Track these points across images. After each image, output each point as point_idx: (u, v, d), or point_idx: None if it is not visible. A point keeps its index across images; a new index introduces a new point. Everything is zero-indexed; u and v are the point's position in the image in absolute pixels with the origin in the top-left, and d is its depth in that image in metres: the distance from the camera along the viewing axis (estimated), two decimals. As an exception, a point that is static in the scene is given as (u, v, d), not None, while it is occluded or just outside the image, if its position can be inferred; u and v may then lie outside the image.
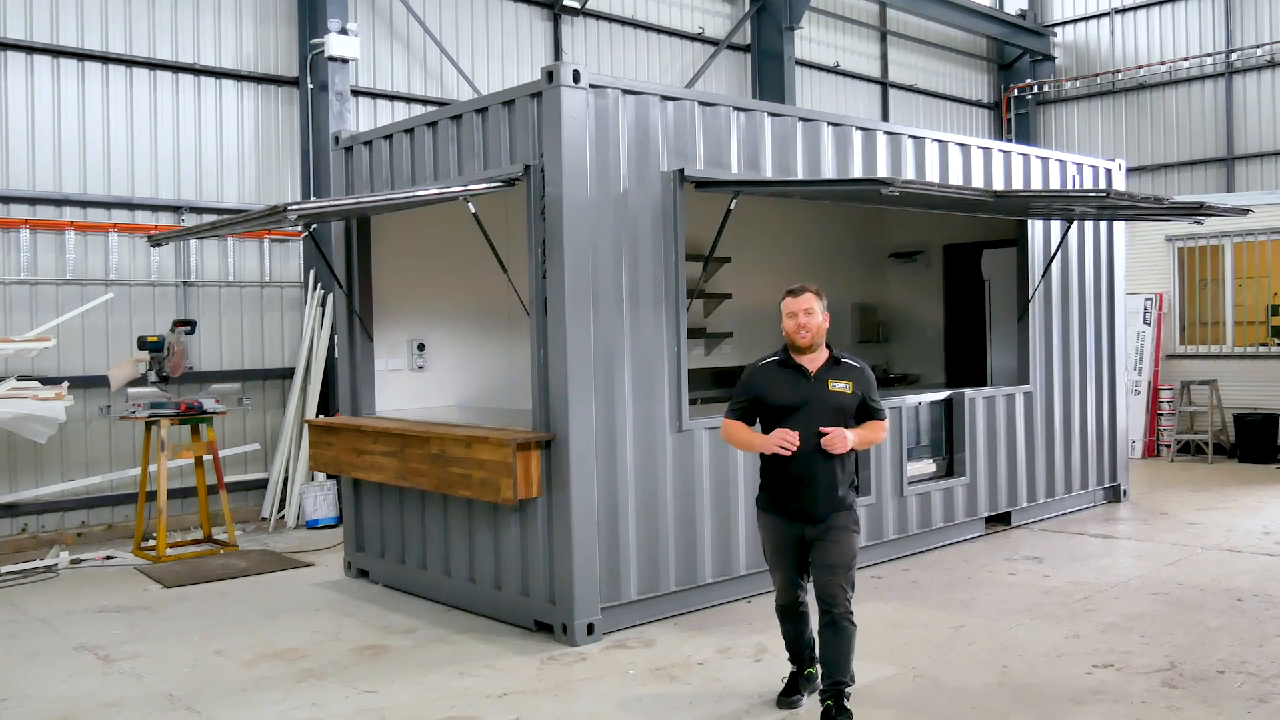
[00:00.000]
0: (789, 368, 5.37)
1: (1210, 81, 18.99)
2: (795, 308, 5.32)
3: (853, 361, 5.43)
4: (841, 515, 5.33)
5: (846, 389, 5.30)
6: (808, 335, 5.30)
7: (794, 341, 5.33)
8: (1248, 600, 7.41)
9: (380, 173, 8.40)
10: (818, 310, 5.34)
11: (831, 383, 5.30)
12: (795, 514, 5.34)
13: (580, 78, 6.75)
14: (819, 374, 5.33)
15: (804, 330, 5.30)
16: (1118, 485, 11.36)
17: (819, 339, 5.35)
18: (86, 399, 10.11)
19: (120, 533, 10.30)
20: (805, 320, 5.30)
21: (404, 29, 12.52)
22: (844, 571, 5.28)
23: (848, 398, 5.31)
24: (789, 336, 5.35)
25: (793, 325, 5.32)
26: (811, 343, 5.31)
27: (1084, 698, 5.63)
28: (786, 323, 5.35)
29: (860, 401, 5.35)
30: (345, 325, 8.80)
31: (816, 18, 17.29)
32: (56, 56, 10.14)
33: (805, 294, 5.35)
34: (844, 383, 5.31)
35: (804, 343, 5.30)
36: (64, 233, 10.10)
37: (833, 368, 5.36)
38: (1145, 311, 14.75)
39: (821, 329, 5.34)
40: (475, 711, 5.63)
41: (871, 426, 5.42)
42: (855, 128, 8.66)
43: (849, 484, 5.39)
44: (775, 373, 5.40)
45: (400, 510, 8.19)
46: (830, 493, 5.29)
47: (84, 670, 6.46)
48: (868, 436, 5.41)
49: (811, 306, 5.32)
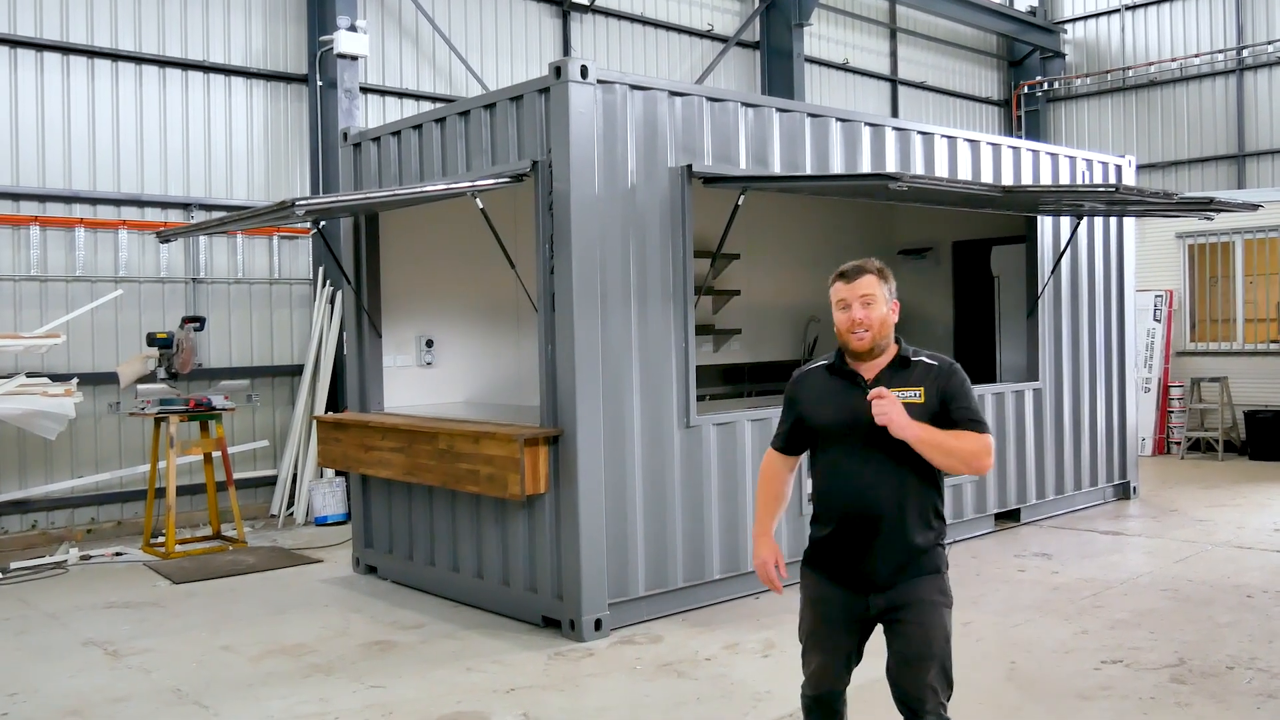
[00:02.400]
0: (839, 374, 3.84)
1: (1221, 78, 18.91)
2: (848, 295, 3.77)
3: (929, 359, 3.83)
4: (925, 583, 3.71)
5: (916, 398, 3.70)
6: (866, 336, 3.73)
7: (848, 344, 3.79)
8: (1257, 597, 7.38)
9: (389, 169, 8.41)
10: (881, 298, 3.77)
11: (894, 392, 3.69)
12: (850, 578, 3.77)
13: (588, 73, 6.75)
14: (877, 381, 3.76)
15: (860, 328, 3.73)
16: (1127, 482, 11.32)
17: (883, 339, 3.77)
18: (96, 395, 10.14)
19: (130, 529, 10.33)
20: (863, 315, 3.73)
21: (413, 26, 12.53)
22: (936, 665, 3.69)
23: (919, 410, 3.68)
24: (842, 337, 3.81)
25: (845, 320, 3.77)
26: (871, 345, 3.74)
27: (1092, 693, 5.61)
28: (838, 316, 3.81)
29: (940, 411, 3.72)
30: (354, 322, 8.81)
31: (826, 14, 17.26)
32: (66, 54, 10.17)
33: (863, 276, 3.78)
34: (912, 389, 3.72)
35: (861, 346, 3.74)
36: (74, 230, 10.13)
37: (897, 371, 3.78)
38: (1155, 308, 14.69)
39: (887, 324, 3.78)
40: (482, 706, 5.63)
41: (960, 433, 3.68)
42: (864, 124, 8.64)
43: (930, 531, 3.75)
44: (823, 381, 3.88)
45: (408, 506, 8.20)
46: (902, 544, 3.70)
47: (93, 665, 6.48)
48: (944, 439, 3.64)
49: (872, 293, 3.75)
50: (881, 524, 3.69)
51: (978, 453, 3.65)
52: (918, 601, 3.68)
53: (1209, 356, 14.60)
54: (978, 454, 3.66)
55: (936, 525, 3.78)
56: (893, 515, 3.68)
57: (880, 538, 3.69)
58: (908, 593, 3.69)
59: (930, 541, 3.73)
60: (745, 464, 7.62)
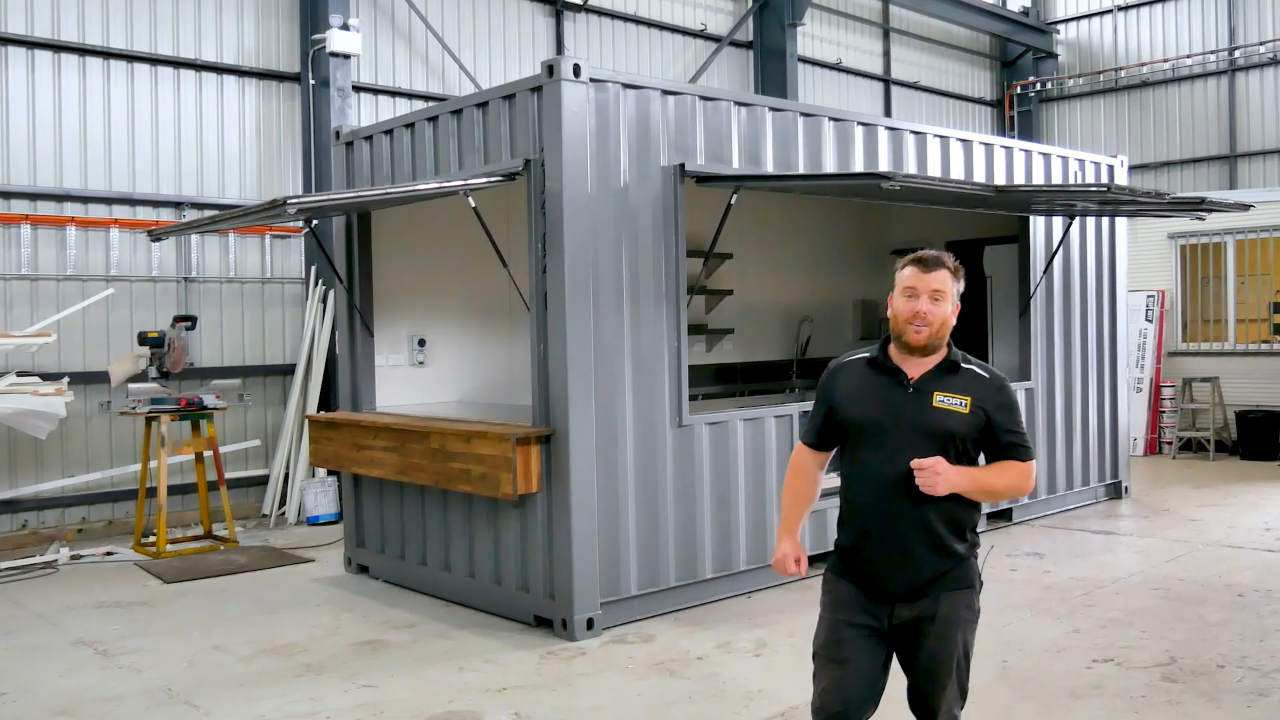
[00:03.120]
0: (881, 369, 3.63)
1: (1213, 79, 18.95)
2: (920, 285, 3.55)
3: (979, 369, 3.64)
4: (955, 597, 3.57)
5: (960, 407, 3.52)
6: (924, 332, 3.54)
7: (903, 335, 3.56)
8: (1248, 596, 7.40)
9: (381, 168, 8.40)
10: (950, 296, 3.58)
11: (938, 396, 3.53)
12: (870, 590, 3.60)
13: (581, 72, 6.74)
14: (922, 382, 3.57)
15: (922, 323, 3.53)
16: (1119, 482, 11.34)
17: (939, 339, 3.58)
18: (87, 395, 10.11)
19: (120, 529, 10.30)
20: (929, 309, 3.53)
21: (406, 25, 12.52)
22: (952, 681, 3.60)
23: (960, 420, 3.52)
24: (898, 325, 3.58)
25: (908, 310, 3.55)
26: (928, 342, 3.55)
27: (1084, 692, 5.62)
28: (901, 305, 3.58)
29: (984, 428, 3.56)
30: (346, 321, 8.80)
31: (819, 14, 17.26)
32: (58, 52, 10.14)
33: (940, 270, 3.57)
34: (957, 398, 3.53)
35: (918, 340, 3.54)
36: (65, 228, 10.10)
37: (944, 375, 3.59)
38: (1147, 309, 14.72)
39: (947, 325, 3.58)
40: (474, 706, 5.62)
41: (1003, 468, 3.58)
42: (857, 123, 8.64)
43: (962, 543, 3.60)
44: (861, 374, 3.67)
45: (400, 506, 8.18)
46: (930, 557, 3.54)
47: (83, 665, 6.45)
48: (990, 481, 3.57)
49: (943, 289, 3.56)
50: (910, 535, 3.52)
51: (1021, 485, 3.60)
52: (945, 617, 3.54)
53: (1201, 357, 14.62)
54: (1021, 487, 3.61)
55: (970, 538, 3.62)
56: (919, 528, 3.51)
57: (905, 550, 3.52)
58: (936, 607, 3.54)
59: (963, 553, 3.58)
60: (737, 464, 7.61)
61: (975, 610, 3.63)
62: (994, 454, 3.61)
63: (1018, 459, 3.58)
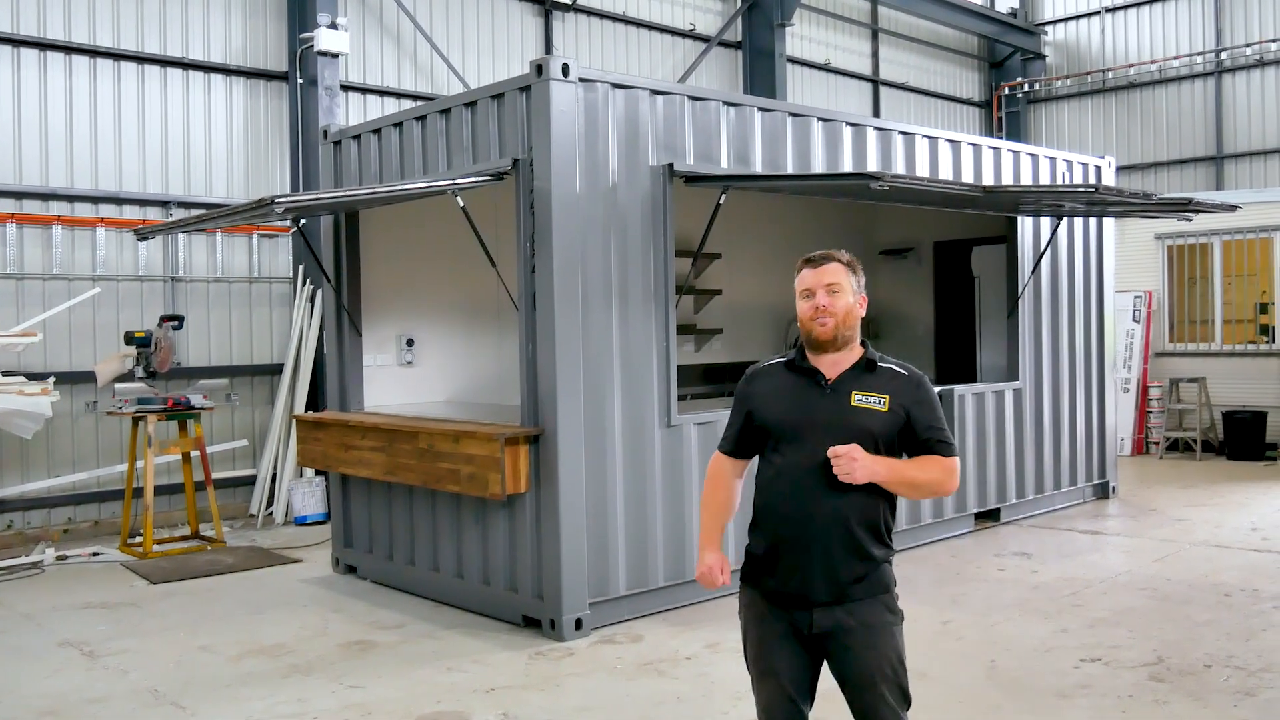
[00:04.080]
0: (799, 371, 3.62)
1: (1200, 80, 19.03)
2: (813, 283, 3.58)
3: (896, 367, 3.65)
4: (873, 604, 3.50)
5: (879, 405, 3.51)
6: (829, 323, 3.53)
7: (811, 333, 3.57)
8: (1235, 595, 7.43)
9: (369, 167, 8.38)
10: (847, 288, 3.59)
11: (856, 395, 3.52)
12: (787, 596, 3.53)
13: (569, 71, 6.74)
14: (839, 382, 3.56)
15: (825, 316, 3.54)
16: (1106, 482, 11.38)
17: (847, 330, 3.57)
18: (73, 394, 10.05)
19: (107, 529, 10.25)
20: (828, 302, 3.54)
21: (394, 24, 12.49)
22: (891, 686, 3.49)
23: (879, 418, 3.50)
24: (804, 327, 3.61)
25: (808, 309, 3.57)
26: (835, 334, 3.54)
27: (1071, 692, 5.63)
28: (801, 306, 3.61)
29: (903, 426, 3.54)
30: (334, 321, 8.77)
31: (808, 15, 17.28)
32: (43, 50, 10.09)
33: (829, 264, 3.61)
34: (875, 396, 3.52)
35: (824, 334, 3.54)
36: (51, 227, 10.05)
37: (861, 374, 3.58)
38: (1134, 309, 14.77)
39: (852, 315, 3.59)
40: (462, 706, 5.61)
41: (924, 461, 3.55)
42: (845, 123, 8.65)
43: (880, 546, 3.54)
44: (779, 377, 3.67)
45: (388, 506, 8.16)
46: (846, 558, 3.47)
47: (69, 666, 6.42)
48: (910, 473, 3.52)
49: (838, 282, 3.57)
50: (822, 532, 3.45)
51: (944, 481, 3.55)
52: (868, 625, 3.47)
53: (1187, 357, 14.69)
54: (943, 483, 3.56)
55: (888, 541, 3.57)
56: (836, 524, 3.45)
57: (825, 552, 3.45)
58: (856, 615, 3.46)
59: (879, 557, 3.52)
60: (726, 463, 7.60)
61: (898, 613, 3.56)
62: (916, 451, 3.57)
63: (940, 454, 3.53)
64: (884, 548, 3.55)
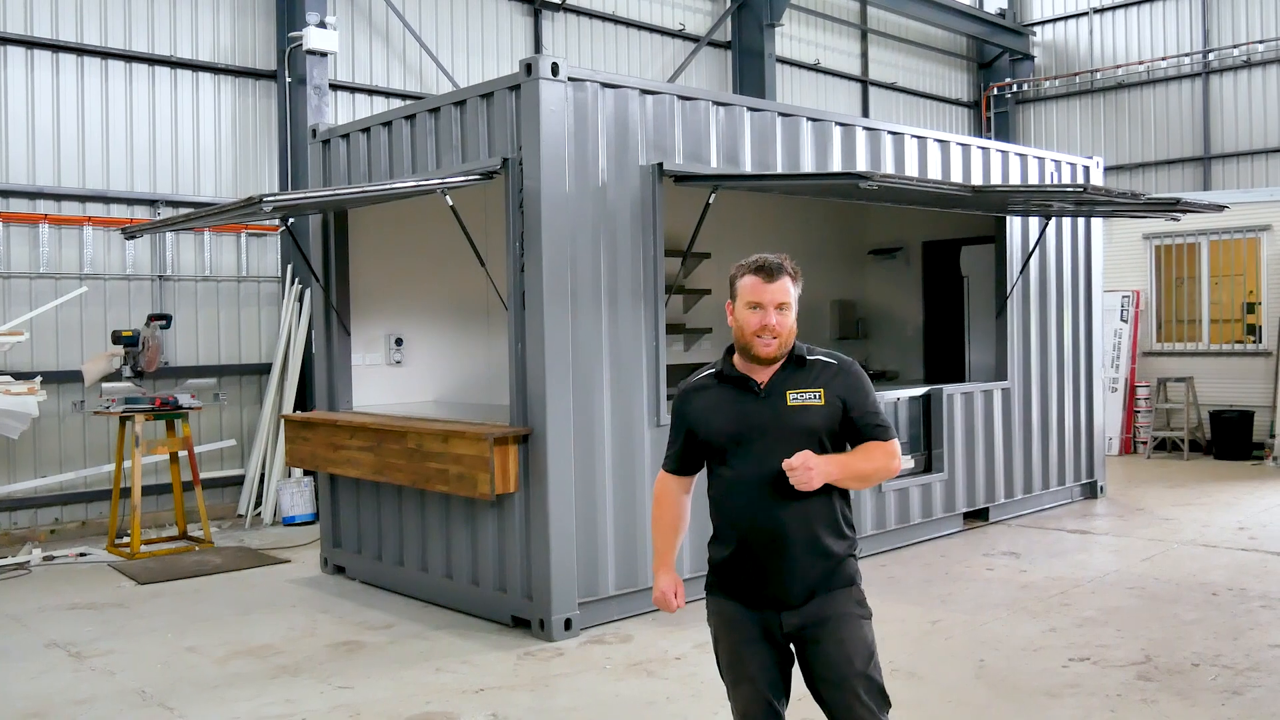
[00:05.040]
0: (729, 380, 3.53)
1: (1187, 81, 19.09)
2: (763, 297, 3.45)
3: (825, 358, 3.55)
4: (839, 596, 3.47)
5: (815, 400, 3.45)
6: (774, 344, 3.44)
7: (751, 347, 3.45)
8: (1222, 594, 7.45)
9: (358, 166, 8.35)
10: (793, 304, 3.50)
11: (791, 394, 3.45)
12: (759, 599, 3.48)
13: (559, 70, 6.73)
14: (772, 384, 3.47)
15: (771, 335, 3.44)
16: (1095, 481, 11.41)
17: (788, 347, 3.50)
18: (60, 394, 10.02)
19: (94, 529, 10.21)
20: (777, 321, 3.44)
21: (383, 23, 12.46)
22: (863, 680, 3.42)
23: (817, 413, 3.44)
24: (744, 338, 3.47)
25: (754, 322, 3.44)
26: (779, 354, 3.46)
27: (1060, 691, 5.64)
28: (746, 316, 3.47)
29: (841, 417, 3.48)
30: (322, 320, 8.74)
31: (797, 15, 17.29)
32: (31, 48, 10.04)
33: (781, 279, 3.48)
34: (810, 391, 3.46)
35: (768, 353, 3.44)
36: (37, 226, 10.00)
37: (793, 372, 3.49)
38: (1122, 309, 14.82)
39: (793, 333, 3.50)
40: (451, 707, 5.60)
41: (868, 451, 3.48)
42: (834, 123, 8.65)
43: (842, 541, 3.51)
44: (712, 390, 3.57)
45: (377, 506, 8.14)
46: (813, 560, 3.44)
47: (55, 667, 6.39)
48: (859, 466, 3.46)
49: (788, 300, 3.48)
50: (787, 540, 3.40)
51: (888, 466, 3.51)
52: (834, 617, 3.43)
53: (1175, 357, 14.73)
54: (888, 467, 3.51)
55: (849, 534, 3.53)
56: (799, 529, 3.40)
57: (787, 554, 3.41)
58: (822, 609, 3.43)
59: (843, 552, 3.48)
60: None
61: (866, 607, 3.52)
62: (855, 439, 3.51)
63: (879, 439, 3.48)
64: (844, 540, 3.51)
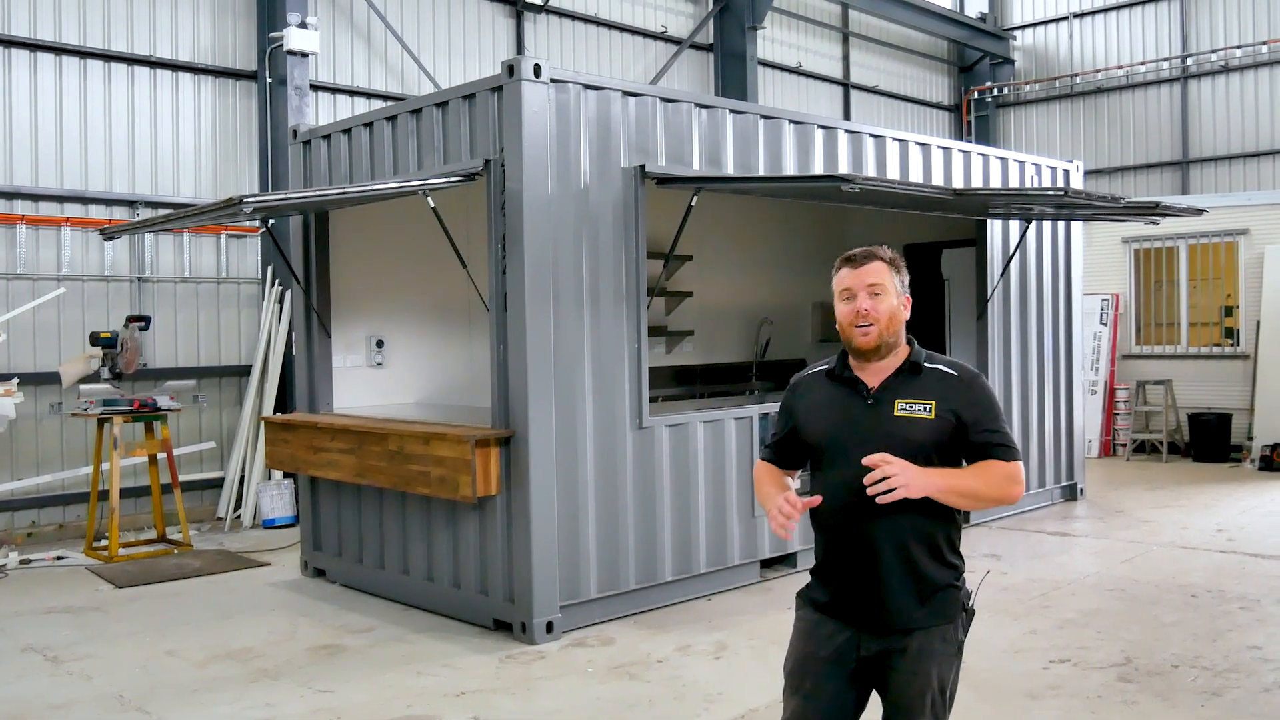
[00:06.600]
0: (840, 381, 3.31)
1: (1166, 86, 19.23)
2: (854, 283, 3.25)
3: (945, 367, 3.28)
4: (932, 634, 3.20)
5: (924, 413, 3.16)
6: (872, 331, 3.21)
7: (852, 340, 3.25)
8: (1201, 596, 7.49)
9: (339, 167, 8.32)
10: (891, 289, 3.26)
11: (899, 404, 3.19)
12: (846, 612, 3.25)
13: (541, 72, 6.71)
14: (882, 390, 3.23)
15: (867, 322, 3.22)
16: (1075, 484, 11.46)
17: (891, 336, 3.25)
18: (37, 396, 9.93)
19: (72, 533, 10.13)
20: (870, 306, 3.22)
21: (365, 24, 12.41)
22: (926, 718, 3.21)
23: (925, 427, 3.16)
24: (845, 332, 3.27)
25: (848, 312, 3.25)
26: (878, 343, 3.22)
27: (1041, 693, 5.66)
28: (840, 309, 3.28)
29: (953, 432, 3.19)
30: (303, 322, 8.70)
31: (779, 18, 17.33)
32: (8, 47, 9.95)
33: (872, 263, 3.27)
34: (920, 403, 3.18)
35: (867, 344, 3.22)
36: (14, 226, 9.92)
37: (905, 380, 3.24)
38: (1102, 312, 14.90)
39: (896, 319, 3.26)
40: (432, 710, 5.57)
41: (983, 469, 3.18)
42: (817, 126, 8.67)
43: (945, 569, 3.24)
44: (822, 388, 3.36)
45: (358, 508, 8.10)
46: (907, 585, 3.18)
47: (32, 671, 6.33)
48: (967, 482, 3.15)
49: (881, 282, 3.25)
50: (878, 557, 3.15)
51: (1006, 489, 3.17)
52: (916, 651, 3.16)
53: (1154, 359, 14.83)
54: (1008, 493, 3.18)
55: (954, 562, 3.25)
56: (891, 547, 3.15)
57: (877, 572, 3.16)
58: (905, 640, 3.17)
59: (944, 581, 3.21)
60: (697, 466, 7.61)
61: (955, 643, 3.25)
62: (973, 457, 3.21)
63: (999, 459, 3.17)
64: (948, 569, 3.24)
